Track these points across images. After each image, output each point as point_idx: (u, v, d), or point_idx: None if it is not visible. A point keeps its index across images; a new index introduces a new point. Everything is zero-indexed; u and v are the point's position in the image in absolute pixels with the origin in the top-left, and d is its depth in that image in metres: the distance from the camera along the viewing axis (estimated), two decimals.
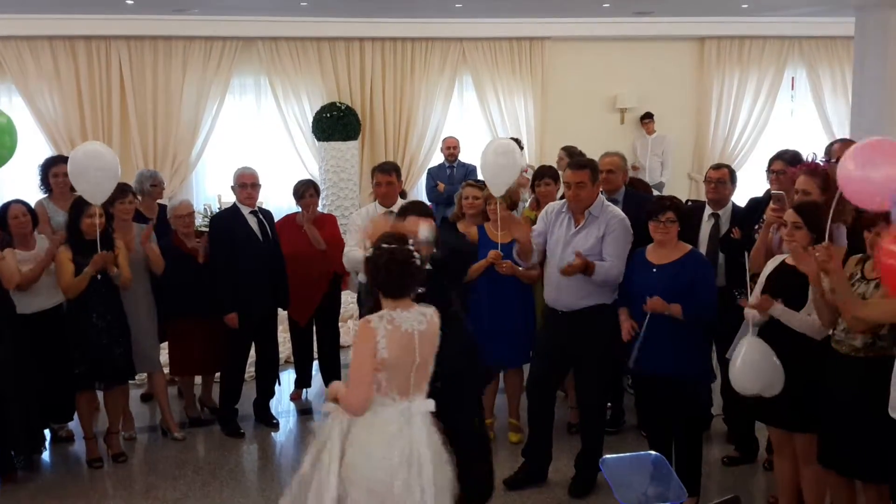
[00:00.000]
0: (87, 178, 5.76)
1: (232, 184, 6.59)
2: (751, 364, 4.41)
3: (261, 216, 6.57)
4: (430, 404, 3.69)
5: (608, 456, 2.87)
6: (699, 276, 4.94)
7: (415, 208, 4.73)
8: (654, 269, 4.98)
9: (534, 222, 5.83)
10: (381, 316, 3.58)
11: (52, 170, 6.52)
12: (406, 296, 3.65)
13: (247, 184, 6.50)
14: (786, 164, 5.62)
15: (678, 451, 5.14)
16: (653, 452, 3.11)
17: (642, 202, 5.99)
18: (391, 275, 3.60)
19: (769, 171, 5.80)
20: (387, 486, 3.51)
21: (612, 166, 6.04)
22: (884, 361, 3.99)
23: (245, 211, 6.49)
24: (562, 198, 5.75)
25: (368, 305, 3.81)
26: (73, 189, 6.05)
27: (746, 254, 4.92)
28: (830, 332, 4.35)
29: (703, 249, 5.65)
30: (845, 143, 5.36)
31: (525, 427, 5.78)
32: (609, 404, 6.04)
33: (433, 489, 3.56)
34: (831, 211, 4.28)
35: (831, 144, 5.70)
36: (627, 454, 3.12)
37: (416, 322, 3.62)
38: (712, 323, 5.01)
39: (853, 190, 4.12)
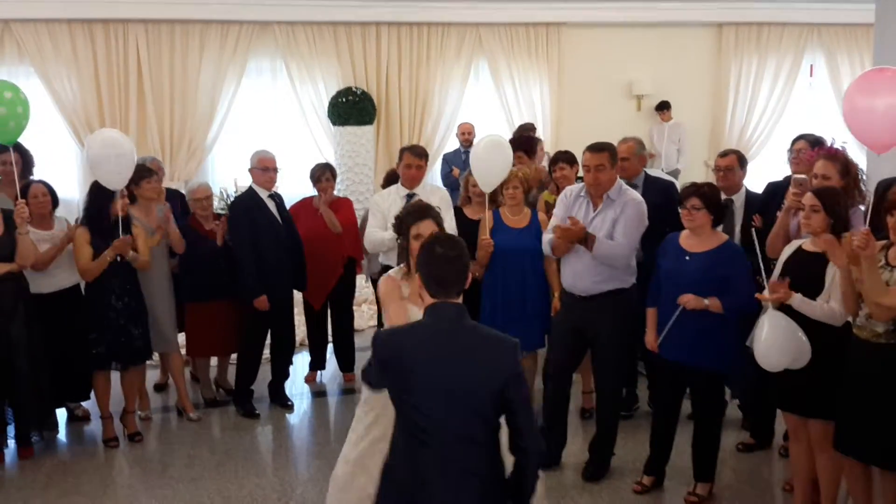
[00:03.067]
0: (106, 166, 5.80)
1: (251, 167, 6.58)
2: (777, 338, 4.35)
3: (277, 199, 6.61)
4: None
5: None
6: (736, 268, 4.85)
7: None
8: (688, 257, 4.91)
9: (553, 206, 5.83)
10: None
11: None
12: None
13: (269, 167, 6.54)
14: (808, 144, 5.59)
15: (697, 437, 5.14)
16: None
17: (663, 188, 5.96)
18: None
19: (791, 150, 5.77)
20: None
21: (626, 153, 6.00)
22: None
23: (263, 194, 6.52)
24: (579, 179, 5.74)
25: None
26: (22, 177, 5.89)
27: (755, 234, 4.82)
28: (850, 318, 4.32)
29: None
30: None
31: (539, 411, 5.78)
32: (623, 389, 6.03)
33: None
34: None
35: None
36: None
37: None
38: (750, 314, 4.89)
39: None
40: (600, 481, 5.38)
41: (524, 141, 7.47)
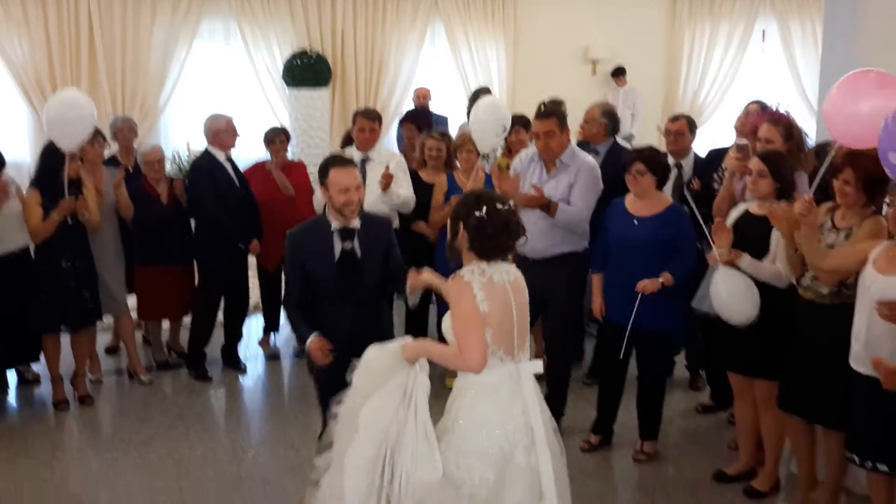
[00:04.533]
0: (64, 127, 5.71)
1: (212, 129, 6.55)
2: (739, 292, 4.44)
3: (232, 162, 6.59)
4: (538, 365, 3.48)
5: None
6: (681, 232, 4.93)
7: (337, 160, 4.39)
8: (636, 222, 4.97)
9: (507, 168, 5.85)
10: (471, 270, 3.37)
11: None
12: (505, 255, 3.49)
13: (231, 129, 6.54)
14: (760, 108, 5.69)
15: (644, 399, 5.25)
16: None
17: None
18: (501, 236, 3.39)
19: (744, 110, 5.89)
20: (506, 453, 3.30)
21: (587, 116, 6.14)
22: (849, 309, 4.02)
23: (220, 157, 6.49)
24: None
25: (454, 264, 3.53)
26: None
27: (689, 196, 4.87)
28: (795, 280, 4.40)
29: None
30: None
31: None
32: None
33: (548, 453, 3.37)
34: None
35: None
36: None
37: (505, 273, 3.44)
38: (692, 277, 4.97)
39: (839, 126, 4.12)
40: None
41: (418, 114, 7.37)
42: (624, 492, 5.12)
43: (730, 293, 4.47)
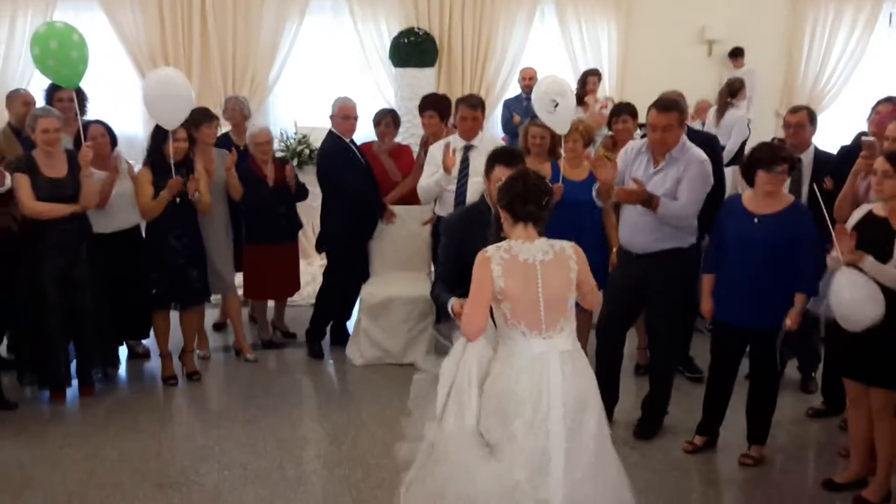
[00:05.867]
0: (160, 106, 5.83)
1: (332, 114, 6.64)
2: (860, 297, 4.24)
3: (355, 145, 6.70)
4: (565, 343, 3.56)
5: None
6: (806, 231, 4.70)
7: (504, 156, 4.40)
8: (756, 220, 4.77)
9: (609, 159, 5.70)
10: (497, 246, 3.55)
11: (56, 95, 6.38)
12: (531, 221, 3.58)
13: (350, 115, 6.61)
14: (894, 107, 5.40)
15: (754, 401, 5.08)
16: None
17: (704, 142, 5.77)
18: (520, 194, 3.56)
19: (873, 110, 5.59)
20: (504, 422, 3.49)
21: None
22: None
23: (346, 139, 6.59)
24: (643, 136, 5.60)
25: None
26: (77, 115, 5.97)
27: (819, 196, 4.64)
28: None
29: None
30: None
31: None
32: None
33: (561, 431, 3.45)
34: None
35: None
36: None
37: (540, 253, 3.53)
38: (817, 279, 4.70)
39: None
40: (652, 440, 5.34)
41: (437, 100, 7.08)
42: (727, 496, 4.96)
43: (853, 296, 4.26)
